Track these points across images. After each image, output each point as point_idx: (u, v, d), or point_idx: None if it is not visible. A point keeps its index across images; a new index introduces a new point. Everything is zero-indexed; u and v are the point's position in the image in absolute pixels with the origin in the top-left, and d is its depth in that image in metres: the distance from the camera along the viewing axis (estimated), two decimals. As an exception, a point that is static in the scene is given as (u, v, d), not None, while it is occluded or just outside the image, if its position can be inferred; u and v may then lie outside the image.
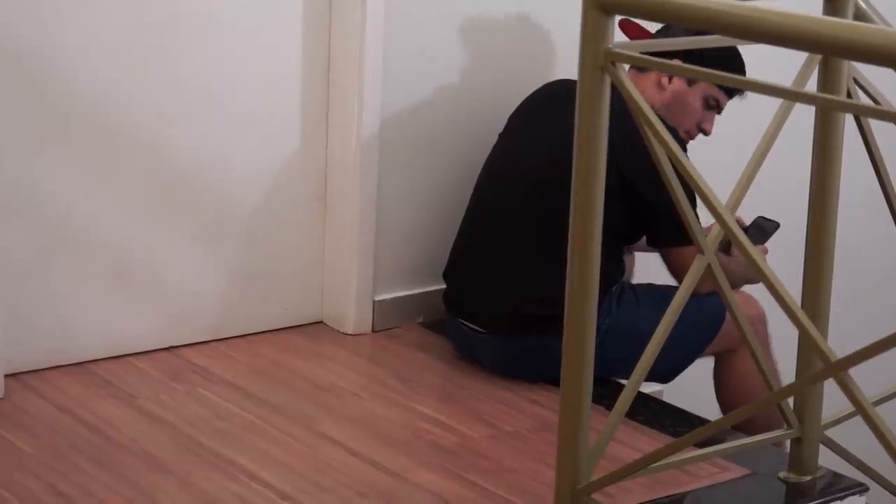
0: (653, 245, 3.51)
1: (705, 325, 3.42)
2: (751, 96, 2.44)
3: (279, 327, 3.75)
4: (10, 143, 3.22)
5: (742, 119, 3.78)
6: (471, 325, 3.54)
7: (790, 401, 2.86)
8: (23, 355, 3.33)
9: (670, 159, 2.34)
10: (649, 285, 3.56)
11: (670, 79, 3.56)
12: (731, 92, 3.55)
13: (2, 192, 3.20)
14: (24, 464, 2.95)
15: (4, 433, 3.09)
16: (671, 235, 3.37)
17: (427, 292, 3.83)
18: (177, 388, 3.36)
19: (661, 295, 3.37)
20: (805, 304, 2.79)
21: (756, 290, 3.46)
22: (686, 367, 3.48)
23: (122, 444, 3.06)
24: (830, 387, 2.41)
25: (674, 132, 3.43)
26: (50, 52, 3.29)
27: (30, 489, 2.85)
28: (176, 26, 3.46)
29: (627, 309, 3.41)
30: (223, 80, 3.56)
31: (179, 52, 3.48)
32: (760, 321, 3.45)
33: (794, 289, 3.05)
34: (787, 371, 3.02)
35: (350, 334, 3.75)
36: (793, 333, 2.83)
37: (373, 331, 3.78)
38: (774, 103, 2.54)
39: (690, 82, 3.57)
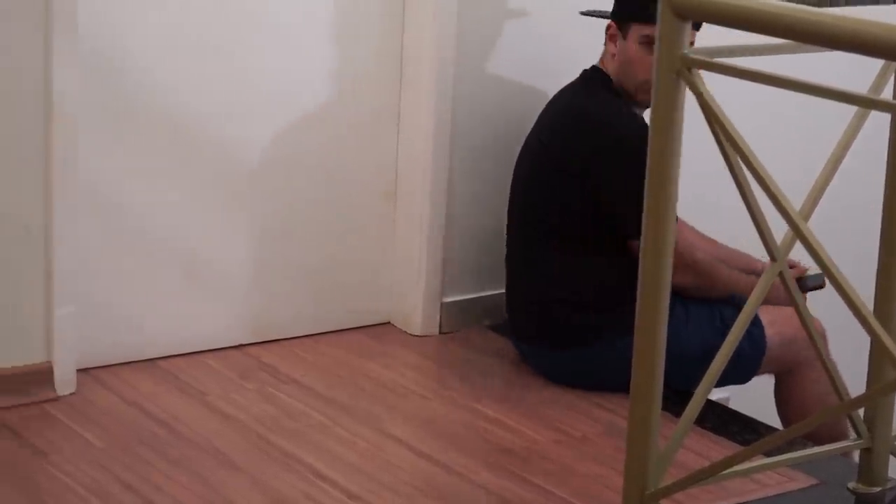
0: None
1: (750, 342, 3.38)
2: (814, 104, 2.42)
3: (347, 327, 3.76)
4: (87, 143, 3.25)
5: (809, 127, 3.76)
6: (516, 338, 3.59)
7: (860, 411, 2.84)
8: (94, 351, 3.36)
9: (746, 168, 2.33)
10: (702, 301, 3.45)
11: (615, 44, 3.45)
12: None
13: (78, 191, 3.23)
14: (93, 456, 2.99)
15: (75, 426, 3.12)
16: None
17: (494, 295, 3.83)
18: (246, 387, 3.38)
19: (710, 313, 3.37)
20: (877, 310, 2.77)
21: (824, 304, 3.43)
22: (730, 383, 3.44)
23: (191, 441, 3.09)
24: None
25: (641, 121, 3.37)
26: (125, 53, 3.33)
27: (98, 481, 2.88)
28: (248, 26, 3.49)
29: (672, 327, 3.30)
30: (295, 79, 3.58)
31: (251, 52, 3.50)
32: (821, 338, 3.40)
33: (866, 296, 3.02)
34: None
35: (417, 335, 3.76)
36: (853, 352, 2.82)
37: (440, 332, 3.79)
38: (844, 112, 2.50)
39: (625, 34, 3.43)
